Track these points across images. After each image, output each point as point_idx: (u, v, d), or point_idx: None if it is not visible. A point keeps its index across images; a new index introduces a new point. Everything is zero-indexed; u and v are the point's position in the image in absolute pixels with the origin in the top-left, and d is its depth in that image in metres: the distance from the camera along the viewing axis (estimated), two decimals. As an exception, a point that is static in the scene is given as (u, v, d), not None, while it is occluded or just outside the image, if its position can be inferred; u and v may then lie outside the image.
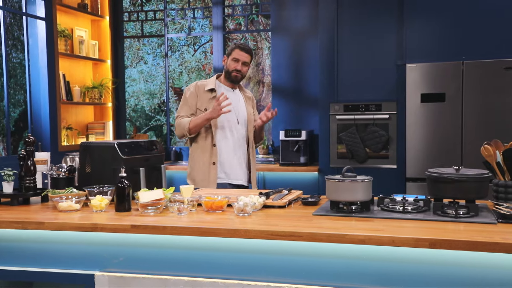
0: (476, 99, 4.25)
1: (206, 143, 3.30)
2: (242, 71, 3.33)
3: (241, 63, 3.30)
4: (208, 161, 3.29)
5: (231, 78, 3.34)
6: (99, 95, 5.35)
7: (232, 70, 3.31)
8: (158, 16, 5.85)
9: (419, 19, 4.47)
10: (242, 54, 3.30)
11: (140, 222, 2.07)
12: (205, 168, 3.29)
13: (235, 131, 3.35)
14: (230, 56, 3.32)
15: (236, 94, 3.42)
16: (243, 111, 3.39)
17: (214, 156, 3.28)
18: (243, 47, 3.33)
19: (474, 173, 2.22)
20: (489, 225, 2.00)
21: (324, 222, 2.10)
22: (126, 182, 2.30)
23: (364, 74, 4.65)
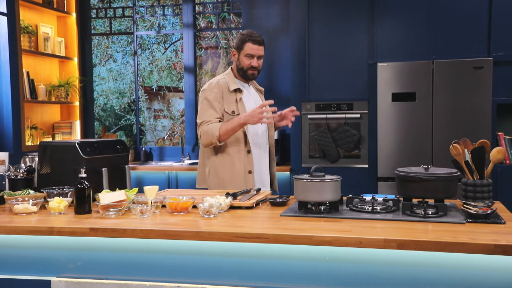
0: (446, 98, 4.26)
1: (239, 150, 2.91)
2: (258, 66, 2.94)
3: (256, 58, 2.91)
4: (243, 170, 2.89)
5: (247, 76, 2.96)
6: (66, 94, 5.20)
7: (247, 67, 2.92)
8: (128, 13, 5.73)
9: (390, 18, 4.46)
10: (256, 47, 2.89)
11: (99, 225, 1.98)
12: (241, 178, 2.89)
13: (262, 133, 3.02)
14: (242, 51, 2.91)
15: (251, 89, 3.07)
16: None
17: (249, 164, 2.90)
18: (255, 39, 2.90)
19: (442, 172, 2.20)
20: (457, 224, 1.97)
21: (291, 223, 2.04)
22: (86, 183, 2.21)
23: (336, 73, 4.63)
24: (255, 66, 2.92)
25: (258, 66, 2.95)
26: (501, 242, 1.68)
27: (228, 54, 5.99)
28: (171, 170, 4.92)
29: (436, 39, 4.36)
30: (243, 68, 2.94)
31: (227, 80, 2.96)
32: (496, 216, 2.10)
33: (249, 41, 2.89)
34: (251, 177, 2.90)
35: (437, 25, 4.36)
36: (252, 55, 2.90)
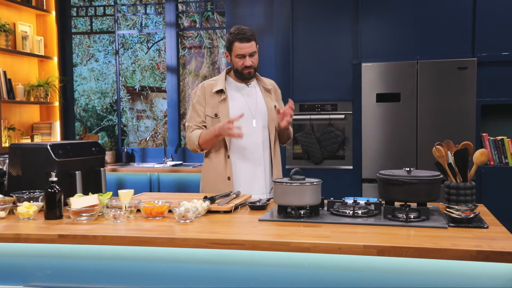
0: (430, 99, 4.23)
1: (219, 154, 2.82)
2: (252, 64, 2.77)
3: (247, 57, 2.74)
4: (222, 176, 2.79)
5: (243, 76, 2.80)
6: (45, 94, 5.09)
7: (241, 68, 2.77)
8: (109, 12, 5.62)
9: (374, 18, 4.42)
10: (245, 45, 2.71)
11: (69, 231, 1.90)
12: (219, 184, 2.79)
13: (253, 136, 2.81)
14: (232, 52, 2.76)
15: (251, 89, 2.88)
16: (262, 109, 2.84)
17: (229, 169, 2.79)
18: (243, 37, 2.71)
19: (425, 175, 2.15)
20: (439, 229, 1.92)
21: (269, 229, 1.98)
22: (57, 187, 2.12)
23: (320, 73, 4.57)
24: (248, 65, 2.76)
25: (253, 64, 2.78)
26: (483, 248, 1.63)
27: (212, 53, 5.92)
28: (153, 172, 4.83)
29: (420, 39, 4.33)
30: (237, 70, 2.79)
31: (213, 82, 2.86)
32: (479, 220, 2.05)
33: (236, 41, 2.72)
34: (230, 184, 2.78)
35: (421, 25, 4.32)
36: (243, 54, 2.74)
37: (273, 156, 2.88)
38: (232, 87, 2.86)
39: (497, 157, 4.19)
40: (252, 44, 2.74)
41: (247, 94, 2.86)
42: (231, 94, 2.85)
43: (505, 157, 4.17)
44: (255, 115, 2.83)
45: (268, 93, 2.90)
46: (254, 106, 2.84)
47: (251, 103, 2.84)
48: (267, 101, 2.87)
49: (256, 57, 2.81)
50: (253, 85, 2.90)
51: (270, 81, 2.99)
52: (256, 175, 2.83)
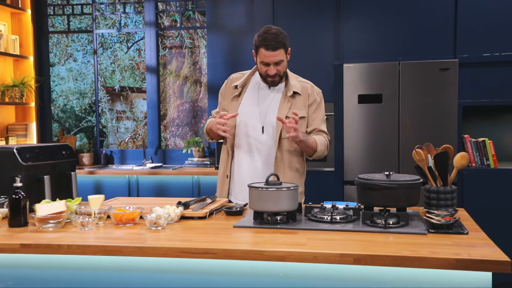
0: (412, 100, 4.19)
1: (224, 152, 2.72)
2: (278, 73, 2.53)
3: (272, 65, 2.51)
4: (223, 173, 2.72)
5: (267, 82, 2.60)
6: (21, 94, 4.96)
7: (265, 75, 2.56)
8: (88, 10, 5.50)
9: (356, 18, 4.37)
10: (270, 54, 2.46)
11: (32, 240, 1.81)
12: (221, 180, 2.73)
13: (259, 140, 2.61)
14: (257, 56, 2.53)
15: (272, 93, 2.64)
16: (272, 115, 2.60)
17: (228, 167, 2.68)
18: (268, 44, 2.45)
19: (404, 180, 2.09)
20: (418, 236, 1.87)
21: (244, 236, 1.91)
22: (22, 193, 2.03)
23: (302, 74, 4.43)
24: (272, 74, 2.52)
25: (278, 72, 2.53)
26: (462, 256, 1.58)
27: (193, 53, 5.83)
28: (132, 174, 4.73)
29: (402, 40, 4.29)
30: (261, 74, 2.59)
31: (241, 75, 2.73)
32: (459, 225, 2.00)
33: (262, 47, 2.47)
34: (227, 182, 2.68)
35: (403, 26, 4.29)
36: (267, 63, 2.51)
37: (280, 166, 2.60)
38: (253, 85, 2.69)
39: (479, 159, 4.17)
40: (279, 52, 2.49)
41: (263, 98, 2.64)
42: (248, 92, 2.68)
43: (486, 159, 4.15)
44: (264, 121, 2.62)
45: (288, 100, 2.62)
46: (265, 112, 2.62)
47: (263, 108, 2.63)
48: (282, 108, 2.60)
49: (284, 64, 2.56)
50: (275, 90, 2.65)
51: (303, 85, 2.70)
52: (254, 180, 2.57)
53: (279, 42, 2.47)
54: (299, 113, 2.55)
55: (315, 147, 2.61)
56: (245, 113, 2.63)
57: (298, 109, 2.61)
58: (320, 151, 2.66)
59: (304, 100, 2.65)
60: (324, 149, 2.68)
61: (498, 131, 4.43)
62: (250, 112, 2.63)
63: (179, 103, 5.66)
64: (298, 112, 2.55)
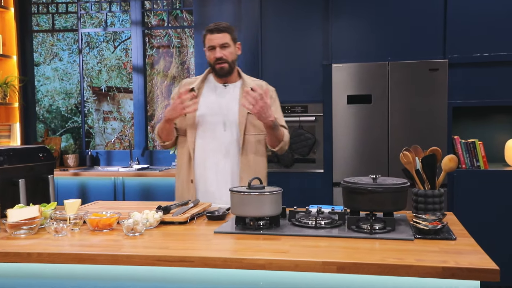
0: (401, 100, 4.14)
1: (183, 155, 2.65)
2: (224, 56, 2.56)
3: (218, 48, 2.56)
4: (186, 178, 2.64)
5: (217, 72, 2.61)
6: (4, 94, 4.85)
7: (213, 62, 2.59)
8: (73, 9, 5.40)
9: (345, 18, 4.31)
10: (215, 36, 2.54)
11: (1, 248, 1.72)
12: (184, 187, 2.65)
13: (221, 139, 2.61)
14: (205, 46, 2.61)
15: (229, 90, 2.67)
16: (234, 111, 2.62)
17: (192, 172, 2.62)
18: (213, 28, 2.56)
19: (391, 183, 2.03)
20: (405, 242, 1.80)
21: (224, 243, 1.83)
22: (-7, 199, 1.94)
23: (290, 74, 4.45)
24: (219, 57, 2.55)
25: (224, 57, 2.56)
26: (449, 264, 1.52)
27: (181, 53, 5.75)
28: (118, 176, 4.64)
29: (392, 40, 4.23)
30: (210, 64, 2.62)
31: (192, 80, 2.74)
32: (447, 231, 1.94)
33: (208, 33, 2.58)
34: (193, 187, 2.63)
35: (393, 25, 4.23)
36: (213, 46, 2.56)
37: (243, 164, 2.60)
38: (208, 87, 2.70)
39: (469, 160, 4.12)
40: (224, 35, 2.56)
41: (222, 96, 2.67)
42: (205, 93, 2.68)
43: (476, 160, 4.10)
44: (225, 119, 2.63)
45: None
46: (226, 109, 2.63)
47: (223, 105, 2.64)
48: (241, 106, 2.60)
49: (231, 50, 2.60)
50: (232, 87, 2.68)
51: (258, 82, 2.75)
52: (220, 182, 2.62)
53: (223, 27, 2.57)
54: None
55: (281, 138, 2.63)
56: (206, 113, 2.62)
57: None
58: (285, 143, 2.68)
59: None
60: (287, 142, 2.71)
61: (488, 132, 4.39)
62: (210, 111, 2.62)
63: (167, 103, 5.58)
64: None
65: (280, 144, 2.65)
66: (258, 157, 2.66)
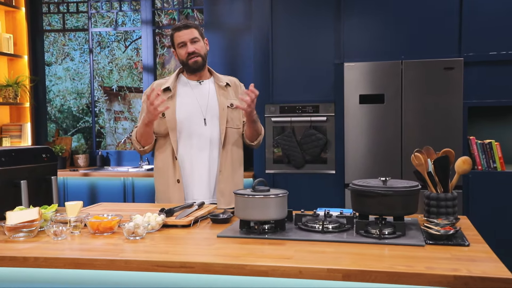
0: (415, 100, 4.04)
1: (166, 155, 2.64)
2: (196, 50, 2.59)
3: (188, 43, 2.59)
4: (171, 179, 2.62)
5: (191, 67, 2.63)
6: (15, 94, 4.85)
7: (186, 58, 2.61)
8: (84, 8, 5.39)
9: (357, 16, 4.22)
10: (182, 33, 2.59)
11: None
12: (169, 188, 2.63)
13: (203, 136, 2.63)
14: (175, 45, 2.64)
15: (204, 86, 2.69)
16: (214, 107, 2.65)
17: (177, 171, 2.61)
18: (179, 26, 2.61)
19: (401, 186, 1.95)
20: (416, 248, 1.72)
21: (227, 247, 1.77)
22: (-8, 201, 1.90)
23: (301, 74, 4.37)
24: (191, 51, 2.59)
25: (196, 50, 2.60)
26: (461, 272, 1.44)
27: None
28: (127, 176, 4.61)
29: (405, 38, 4.14)
30: (183, 62, 2.64)
31: (163, 81, 2.73)
32: (460, 236, 1.86)
33: (175, 31, 2.62)
34: (181, 187, 2.61)
35: (406, 23, 4.13)
36: (183, 42, 2.59)
37: (223, 158, 2.65)
38: (182, 85, 2.70)
39: (485, 162, 4.01)
40: (191, 30, 2.61)
41: (198, 92, 2.69)
42: (180, 92, 2.69)
43: (493, 161, 3.98)
44: (205, 114, 2.65)
45: (223, 91, 2.70)
46: (205, 104, 2.66)
47: (202, 101, 2.67)
48: (220, 100, 2.67)
49: (201, 44, 2.65)
50: (206, 83, 2.72)
51: (229, 78, 2.80)
52: (204, 175, 2.65)
53: (190, 23, 2.64)
54: (234, 103, 2.67)
55: (259, 131, 2.75)
56: (185, 110, 2.64)
57: (233, 100, 2.70)
58: (262, 137, 2.79)
59: (235, 92, 2.75)
60: (263, 134, 2.81)
61: (505, 132, 4.27)
62: (190, 108, 2.64)
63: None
64: (234, 102, 2.68)
65: (258, 138, 2.77)
66: (238, 149, 2.74)
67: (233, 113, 2.67)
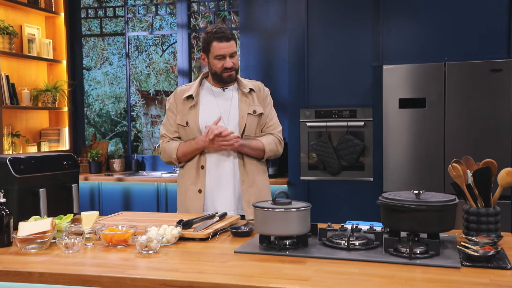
0: (459, 104, 3.81)
1: (191, 165, 2.56)
2: (233, 66, 2.50)
3: (228, 57, 2.48)
4: (193, 189, 2.54)
5: (223, 80, 2.54)
6: (53, 99, 4.91)
7: (221, 71, 2.50)
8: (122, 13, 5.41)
9: (397, 16, 4.03)
10: (225, 45, 2.45)
11: (4, 265, 1.62)
12: (191, 197, 2.55)
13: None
14: (210, 53, 2.49)
15: (228, 94, 2.60)
16: (235, 114, 2.56)
17: (201, 181, 2.54)
18: (222, 36, 2.46)
19: (436, 200, 1.78)
20: (450, 270, 1.56)
21: (242, 265, 1.65)
22: (6, 210, 1.86)
23: (338, 77, 4.21)
24: (229, 67, 2.49)
25: (234, 66, 2.51)
26: (500, 303, 1.27)
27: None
28: (161, 182, 4.57)
29: (448, 38, 3.91)
30: (216, 73, 2.54)
31: (186, 88, 2.64)
32: (502, 257, 1.67)
33: (215, 40, 2.46)
34: (201, 197, 2.54)
35: (449, 23, 3.91)
36: (223, 55, 2.48)
37: (243, 167, 2.56)
38: (206, 93, 2.61)
39: (536, 170, 3.72)
40: (232, 43, 2.50)
41: (221, 100, 2.59)
42: (204, 100, 2.60)
43: (545, 170, 3.69)
44: (227, 123, 2.55)
45: (245, 98, 2.59)
46: (227, 112, 2.57)
47: (224, 109, 2.57)
48: (241, 107, 2.57)
49: (237, 58, 2.56)
50: (230, 89, 2.62)
51: (254, 83, 2.67)
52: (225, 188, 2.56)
53: (231, 34, 2.51)
54: (257, 109, 2.59)
55: (262, 148, 2.58)
56: (206, 119, 2.54)
57: (256, 106, 2.61)
58: (271, 151, 2.61)
59: (259, 97, 2.64)
60: (275, 147, 2.64)
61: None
62: (211, 117, 2.54)
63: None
64: (256, 108, 2.59)
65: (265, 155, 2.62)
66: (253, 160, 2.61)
67: (254, 121, 2.58)
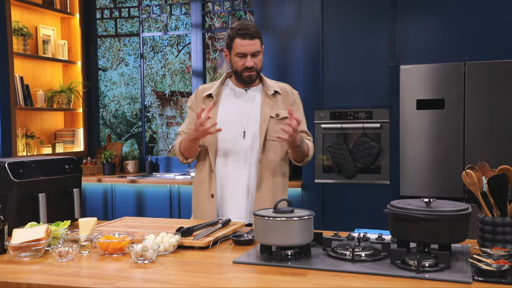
0: (480, 106, 3.67)
1: (204, 168, 2.46)
2: (254, 65, 2.37)
3: (249, 56, 2.36)
4: (206, 194, 2.44)
5: (243, 79, 2.43)
6: (68, 100, 4.90)
7: (241, 70, 2.39)
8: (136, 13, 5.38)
9: (415, 14, 3.90)
10: (247, 43, 2.33)
11: (-6, 275, 1.58)
12: (203, 203, 2.46)
13: (241, 148, 2.42)
14: (232, 50, 2.38)
15: (250, 95, 2.47)
16: (256, 117, 2.43)
17: (213, 186, 2.42)
18: (246, 33, 2.34)
19: (447, 209, 1.68)
20: (461, 285, 1.45)
21: (239, 277, 1.57)
22: (0, 216, 1.81)
23: (353, 77, 4.10)
24: (250, 66, 2.36)
25: (255, 65, 2.38)
26: (511, 327, 1.16)
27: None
28: (173, 184, 4.52)
29: (468, 37, 3.77)
30: (236, 71, 2.42)
31: (208, 86, 2.55)
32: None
33: (238, 37, 2.34)
34: (213, 202, 2.42)
35: (470, 22, 3.76)
36: (244, 53, 2.35)
37: (261, 173, 2.41)
38: (228, 92, 2.51)
39: (561, 174, 3.56)
40: (255, 42, 2.36)
41: (243, 101, 2.47)
42: (224, 99, 2.49)
43: None
44: (246, 125, 2.43)
45: (269, 100, 2.45)
46: (247, 114, 2.44)
47: (244, 110, 2.44)
48: (263, 110, 2.43)
49: (260, 58, 2.41)
50: (253, 90, 2.49)
51: (281, 85, 2.54)
52: (238, 192, 2.44)
53: (256, 32, 2.38)
54: (281, 113, 2.44)
55: (306, 153, 2.48)
56: (225, 121, 2.41)
57: (280, 109, 2.46)
58: (310, 157, 2.53)
59: (285, 100, 2.49)
60: (311, 155, 2.55)
61: None
62: (231, 118, 2.43)
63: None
64: (281, 112, 2.44)
65: (305, 159, 2.52)
66: (281, 164, 2.49)
67: (277, 125, 2.39)
